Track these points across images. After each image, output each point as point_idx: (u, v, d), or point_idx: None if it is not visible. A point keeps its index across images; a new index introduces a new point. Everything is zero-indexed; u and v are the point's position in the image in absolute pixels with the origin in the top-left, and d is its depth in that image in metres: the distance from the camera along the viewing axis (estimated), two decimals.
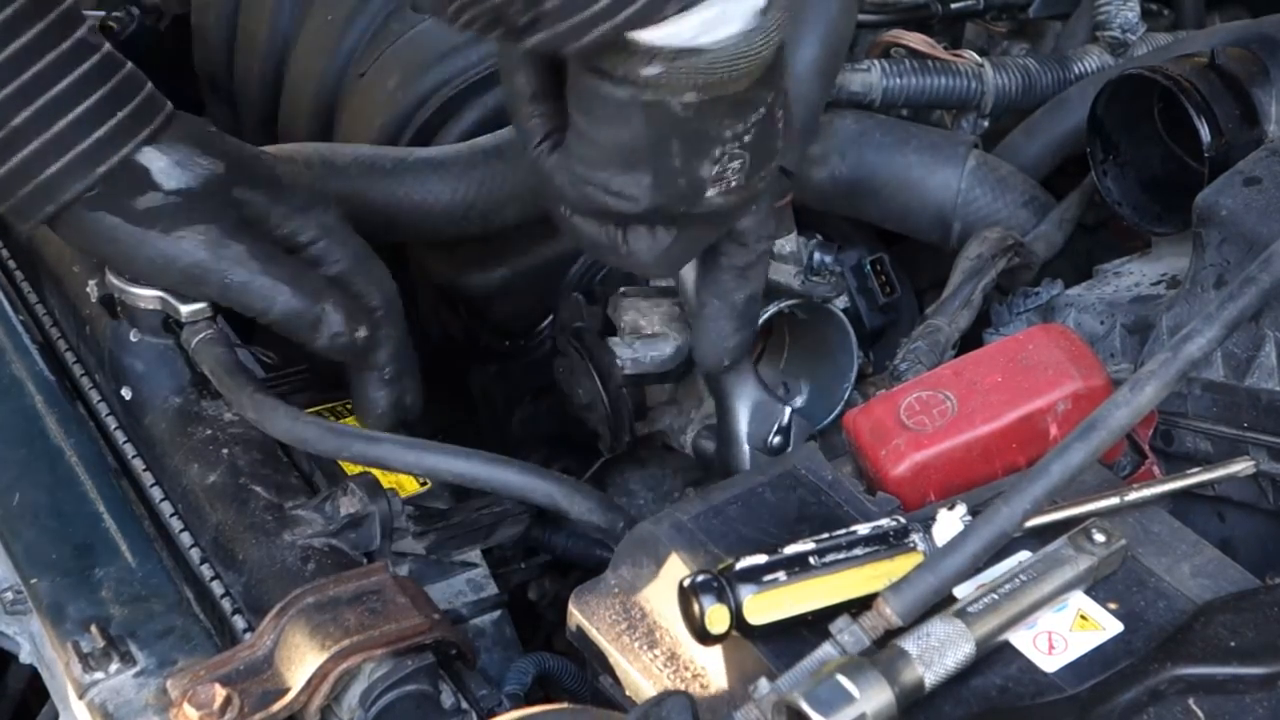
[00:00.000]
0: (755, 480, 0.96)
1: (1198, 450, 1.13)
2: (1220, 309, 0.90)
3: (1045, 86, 1.52)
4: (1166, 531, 0.91)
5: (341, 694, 0.88)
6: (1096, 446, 0.86)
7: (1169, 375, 0.87)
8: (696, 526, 0.92)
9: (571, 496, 1.00)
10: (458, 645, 0.92)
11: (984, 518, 0.84)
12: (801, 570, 0.84)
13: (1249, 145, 1.21)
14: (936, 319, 1.32)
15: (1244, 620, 0.82)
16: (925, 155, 1.43)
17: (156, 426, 1.12)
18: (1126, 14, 1.54)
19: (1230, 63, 1.25)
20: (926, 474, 0.96)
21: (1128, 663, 0.82)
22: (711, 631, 0.83)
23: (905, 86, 1.48)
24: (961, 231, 1.41)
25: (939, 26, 1.61)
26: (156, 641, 0.98)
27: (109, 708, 0.93)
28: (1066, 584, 0.85)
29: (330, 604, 0.91)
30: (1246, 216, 1.11)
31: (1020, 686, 0.82)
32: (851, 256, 1.45)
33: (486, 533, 1.10)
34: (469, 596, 1.06)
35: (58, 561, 1.05)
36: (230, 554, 1.02)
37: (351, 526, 1.02)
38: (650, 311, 1.29)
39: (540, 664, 1.01)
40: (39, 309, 1.28)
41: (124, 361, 1.14)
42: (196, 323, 1.11)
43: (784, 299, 1.30)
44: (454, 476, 1.02)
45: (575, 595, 0.93)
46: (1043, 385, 0.97)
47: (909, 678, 0.79)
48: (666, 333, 1.28)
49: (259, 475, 1.06)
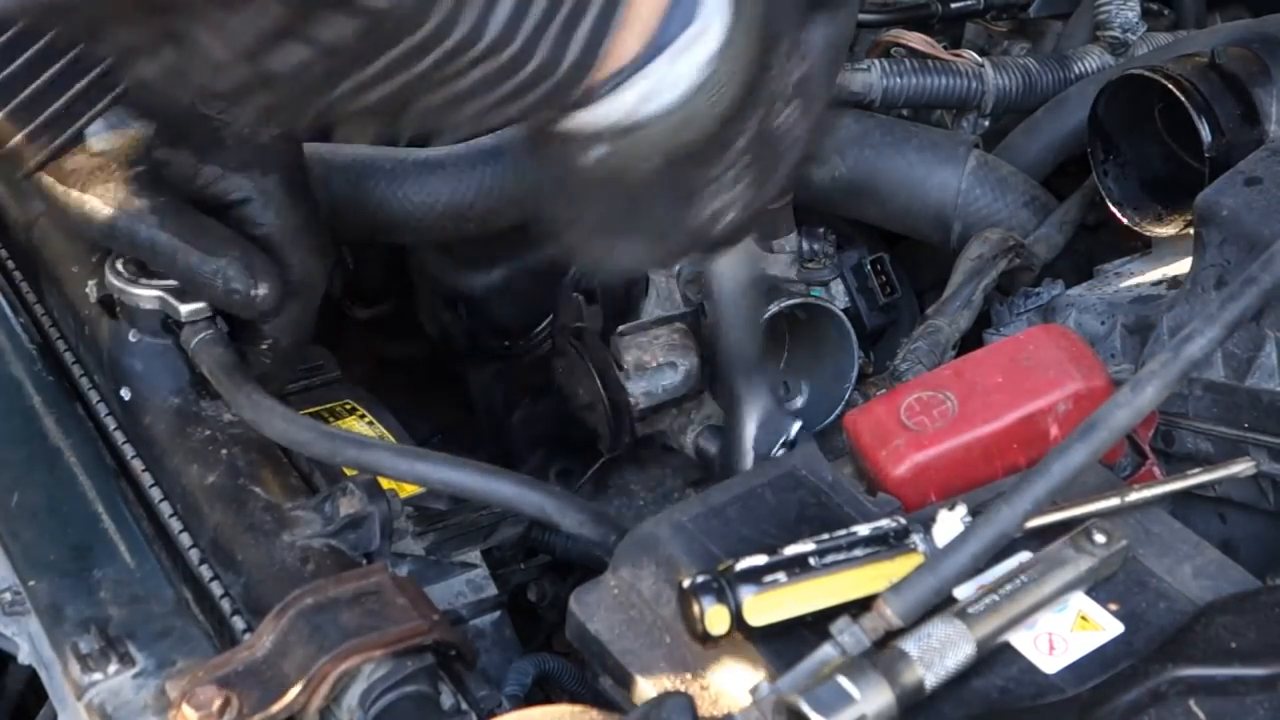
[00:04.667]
0: (755, 481, 0.96)
1: (1198, 451, 1.13)
2: (1221, 309, 0.90)
3: (1045, 86, 1.52)
4: (1167, 532, 0.91)
5: (341, 695, 0.88)
6: (1097, 447, 0.86)
7: (1170, 376, 0.87)
8: (696, 527, 0.92)
9: (563, 509, 1.00)
10: (457, 646, 0.92)
11: (984, 518, 0.84)
12: (801, 571, 0.84)
13: (1249, 145, 1.21)
14: (937, 319, 1.32)
15: (1245, 621, 0.82)
16: (925, 155, 1.43)
17: (155, 427, 1.12)
18: (1127, 14, 1.54)
19: (1231, 62, 1.25)
20: (927, 474, 0.96)
21: (1128, 664, 0.82)
22: (711, 632, 0.83)
23: (905, 86, 1.48)
24: (962, 232, 1.41)
25: (939, 26, 1.61)
26: (155, 642, 0.98)
27: (108, 709, 0.93)
28: (1067, 585, 0.85)
29: (329, 605, 0.91)
30: (1247, 216, 1.11)
31: (1021, 688, 0.82)
32: (851, 256, 1.45)
33: (486, 533, 1.10)
34: (468, 597, 1.06)
35: (56, 562, 1.04)
36: (229, 555, 1.02)
37: (351, 527, 1.02)
38: (650, 345, 1.29)
39: (540, 665, 1.01)
40: (38, 309, 1.28)
41: (123, 362, 1.14)
42: (196, 323, 1.11)
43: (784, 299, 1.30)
44: (446, 486, 1.02)
45: (575, 596, 0.93)
46: (1043, 386, 0.97)
47: (909, 679, 0.79)
48: (672, 360, 1.28)
49: (258, 476, 1.06)
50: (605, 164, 0.84)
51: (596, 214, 0.90)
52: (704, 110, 0.83)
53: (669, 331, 1.30)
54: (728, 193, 0.90)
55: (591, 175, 0.86)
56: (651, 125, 0.82)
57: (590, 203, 0.89)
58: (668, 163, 0.85)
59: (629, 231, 0.91)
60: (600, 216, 0.90)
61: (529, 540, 1.17)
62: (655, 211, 0.89)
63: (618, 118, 0.81)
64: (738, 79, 0.84)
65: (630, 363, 1.28)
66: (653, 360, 1.28)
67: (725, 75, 0.82)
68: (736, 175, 0.89)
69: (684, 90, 0.81)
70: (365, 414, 1.18)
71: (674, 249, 0.94)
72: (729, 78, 0.83)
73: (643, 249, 0.93)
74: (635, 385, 1.27)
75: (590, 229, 0.92)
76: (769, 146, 0.91)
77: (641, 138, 0.83)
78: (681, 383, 1.29)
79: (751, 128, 0.88)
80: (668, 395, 1.29)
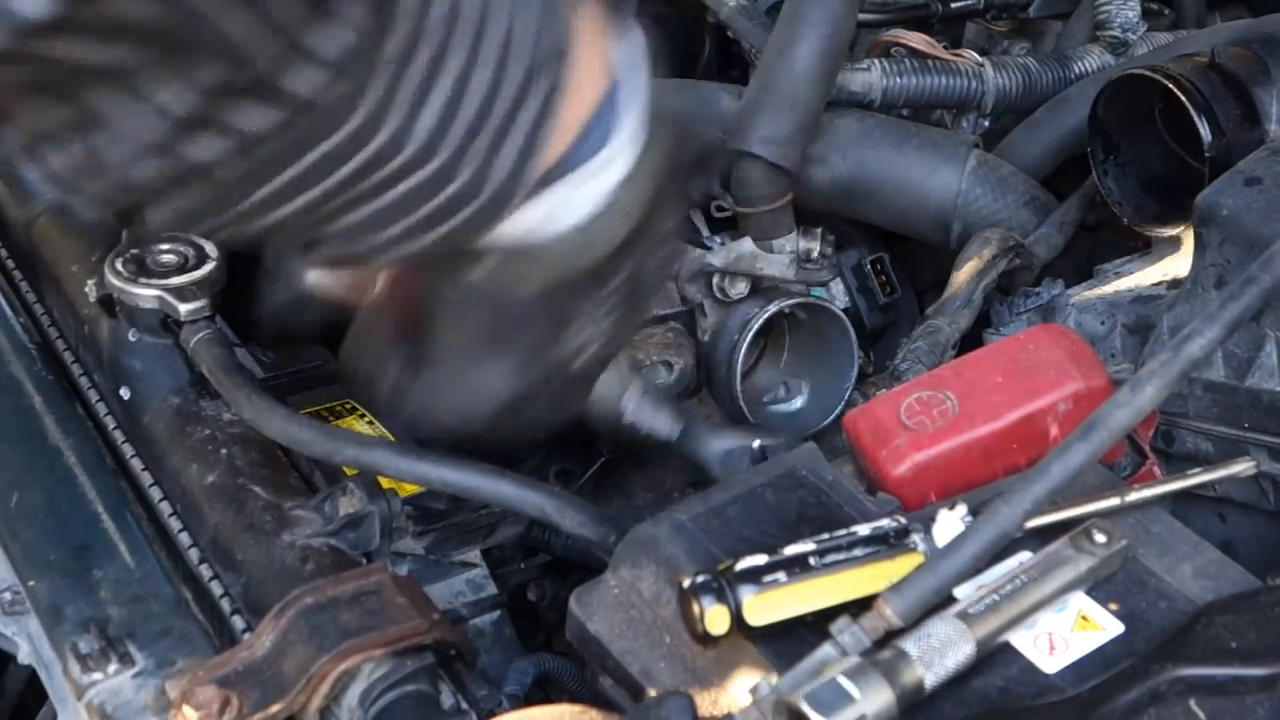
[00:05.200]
0: (755, 481, 0.95)
1: (1198, 451, 1.13)
2: (1221, 309, 0.90)
3: (1045, 86, 1.52)
4: (1167, 532, 0.91)
5: (340, 694, 0.88)
6: (1097, 447, 0.86)
7: (1170, 375, 0.87)
8: (696, 527, 0.91)
9: (563, 510, 1.00)
10: (457, 645, 0.92)
11: (984, 518, 0.84)
12: (801, 571, 0.84)
13: (1250, 145, 1.21)
14: (937, 319, 1.32)
15: (1245, 621, 0.82)
16: (925, 155, 1.43)
17: (155, 426, 1.12)
18: (1127, 13, 1.54)
19: (1231, 62, 1.25)
20: (927, 474, 0.96)
21: (1129, 664, 0.82)
22: (711, 632, 0.83)
23: (905, 86, 1.48)
24: (962, 232, 1.41)
25: (939, 26, 1.61)
26: (155, 642, 0.98)
27: (107, 709, 0.93)
28: (1067, 585, 0.85)
29: (329, 604, 0.91)
30: (1247, 216, 1.11)
31: (1021, 687, 0.82)
32: (851, 256, 1.45)
33: (486, 533, 1.10)
34: (468, 597, 1.06)
35: (56, 562, 1.04)
36: (229, 554, 1.02)
37: (351, 526, 1.02)
38: (646, 343, 1.29)
39: (540, 664, 1.00)
40: (37, 309, 1.28)
41: (122, 361, 1.14)
42: (195, 322, 1.11)
43: (784, 299, 1.30)
44: (446, 485, 1.02)
45: (575, 596, 0.93)
46: (1043, 385, 0.97)
47: (909, 679, 0.78)
48: (666, 359, 1.28)
49: (258, 475, 1.06)
50: (489, 281, 0.82)
51: (469, 332, 0.87)
52: (596, 240, 0.81)
53: (664, 330, 1.30)
54: (596, 326, 0.88)
55: (473, 294, 0.83)
56: (546, 248, 0.80)
57: (465, 321, 0.87)
58: (548, 289, 0.83)
59: (498, 352, 0.89)
60: (472, 335, 0.88)
61: (529, 540, 1.17)
62: (526, 335, 0.87)
63: (516, 235, 0.79)
64: (632, 215, 0.82)
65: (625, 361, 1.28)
66: (648, 358, 1.28)
67: (623, 208, 0.81)
68: (607, 311, 0.88)
69: (585, 214, 0.80)
70: (365, 413, 1.18)
71: (534, 378, 0.90)
72: (625, 211, 0.81)
73: (504, 374, 0.89)
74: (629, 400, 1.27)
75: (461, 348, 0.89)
76: (639, 288, 0.89)
77: (532, 258, 0.81)
78: (676, 381, 1.29)
79: (630, 266, 0.86)
80: None
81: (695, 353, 1.30)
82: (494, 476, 1.01)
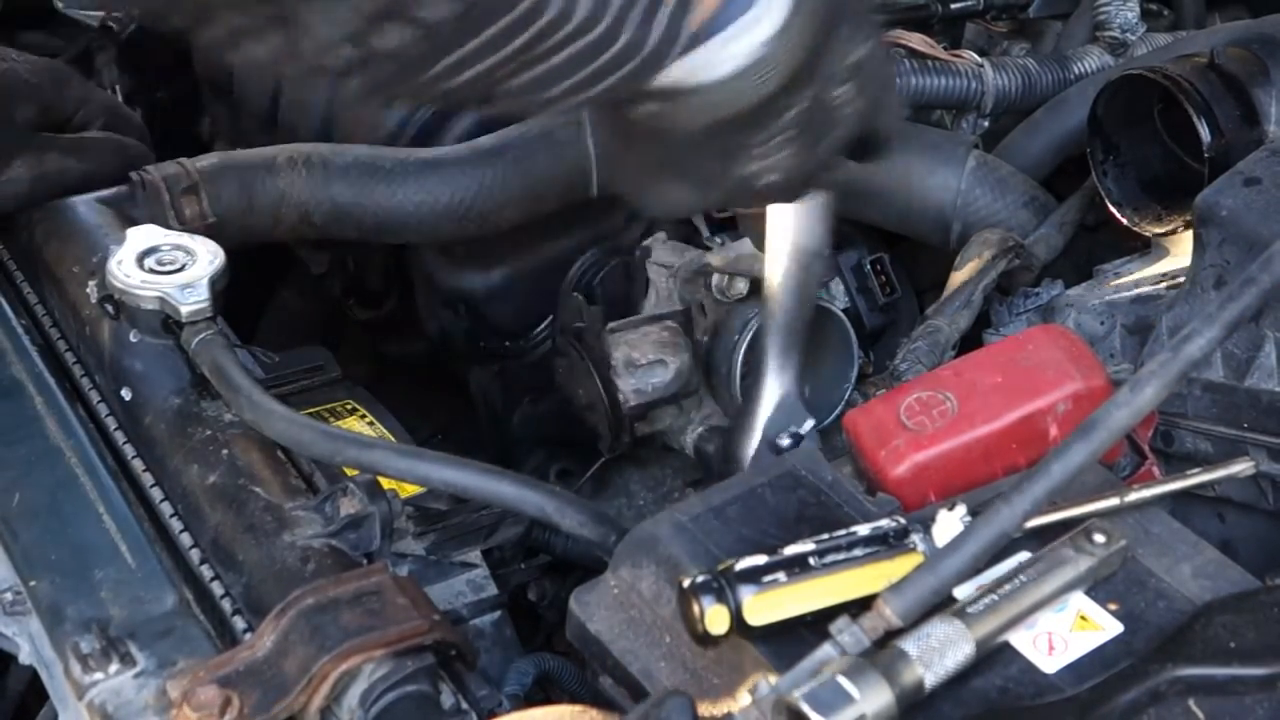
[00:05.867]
0: (755, 481, 0.96)
1: (1198, 451, 1.13)
2: (1220, 309, 0.90)
3: (1045, 86, 1.52)
4: (1166, 532, 0.91)
5: (341, 695, 0.88)
6: (1097, 447, 0.86)
7: (1169, 376, 0.87)
8: (696, 527, 0.92)
9: (563, 510, 1.00)
10: (457, 646, 0.92)
11: (984, 518, 0.84)
12: (801, 571, 0.84)
13: (1249, 145, 1.21)
14: (936, 319, 1.32)
15: (1244, 621, 0.82)
16: (925, 155, 1.43)
17: (156, 427, 1.12)
18: (1126, 14, 1.54)
19: (1230, 63, 1.25)
20: (926, 474, 0.96)
21: (1128, 664, 0.82)
22: (711, 632, 0.83)
23: (905, 86, 1.48)
24: (961, 232, 1.41)
25: (939, 26, 1.61)
26: (156, 642, 0.98)
27: (108, 709, 0.93)
28: (1067, 585, 0.85)
29: (330, 605, 0.91)
30: (1246, 216, 1.11)
31: (1020, 687, 0.82)
32: (851, 257, 1.45)
33: (486, 533, 1.10)
34: (469, 597, 1.06)
35: (57, 562, 1.04)
36: (230, 555, 1.02)
37: (351, 527, 1.02)
38: (641, 342, 1.29)
39: (540, 665, 1.01)
40: (39, 310, 1.28)
41: (124, 362, 1.14)
42: (196, 323, 1.11)
43: None
44: (447, 485, 1.02)
45: (575, 596, 0.93)
46: (1043, 386, 0.97)
47: (909, 678, 0.79)
48: (661, 358, 1.28)
49: (259, 476, 1.06)
50: (654, 120, 0.88)
51: (644, 159, 0.94)
52: (749, 89, 0.86)
53: (660, 329, 1.30)
54: (772, 157, 0.93)
55: (640, 128, 0.89)
56: (696, 94, 0.85)
57: (638, 150, 0.93)
58: (711, 126, 0.88)
59: (674, 177, 0.95)
60: (647, 162, 0.94)
61: (529, 540, 1.17)
62: (698, 164, 0.93)
63: (666, 84, 0.84)
64: (789, 62, 0.86)
65: (620, 359, 1.28)
66: (642, 357, 1.28)
67: (775, 60, 0.85)
68: (781, 144, 0.92)
69: (732, 69, 0.84)
70: (365, 414, 1.18)
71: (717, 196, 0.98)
72: (779, 62, 0.86)
73: (687, 193, 0.96)
74: (625, 382, 1.27)
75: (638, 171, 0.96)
76: (818, 121, 0.93)
77: (686, 103, 0.86)
78: (672, 380, 1.28)
79: (800, 103, 0.91)
80: (658, 393, 1.28)
81: (692, 352, 1.30)
82: (494, 477, 1.02)
